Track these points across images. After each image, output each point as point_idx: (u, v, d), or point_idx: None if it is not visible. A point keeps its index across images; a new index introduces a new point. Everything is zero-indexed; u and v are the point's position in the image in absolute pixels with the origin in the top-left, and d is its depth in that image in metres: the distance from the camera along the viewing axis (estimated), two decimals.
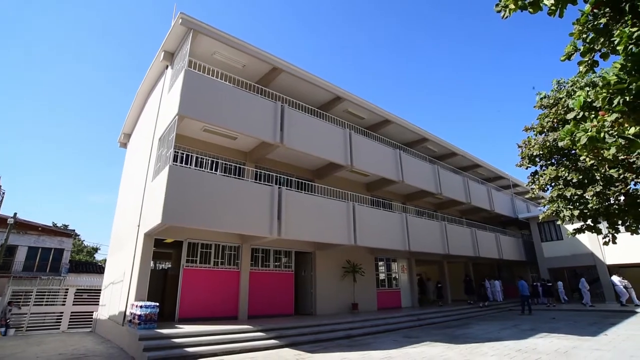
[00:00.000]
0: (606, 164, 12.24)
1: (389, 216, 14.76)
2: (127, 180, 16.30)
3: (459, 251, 18.02)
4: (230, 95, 10.86)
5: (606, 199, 14.14)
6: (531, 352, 7.63)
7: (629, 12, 5.06)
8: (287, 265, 13.61)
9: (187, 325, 9.17)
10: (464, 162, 22.76)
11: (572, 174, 14.84)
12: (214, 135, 11.72)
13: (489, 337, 9.87)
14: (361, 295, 15.17)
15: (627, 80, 4.68)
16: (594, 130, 5.63)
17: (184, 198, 8.93)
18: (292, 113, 12.28)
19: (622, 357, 6.99)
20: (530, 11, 5.33)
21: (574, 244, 22.44)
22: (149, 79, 13.92)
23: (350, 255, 15.17)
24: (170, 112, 10.22)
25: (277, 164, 13.86)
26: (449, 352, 7.87)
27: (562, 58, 6.87)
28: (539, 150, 16.12)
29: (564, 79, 16.22)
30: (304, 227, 11.38)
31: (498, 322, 13.47)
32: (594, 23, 5.94)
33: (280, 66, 12.58)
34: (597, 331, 10.41)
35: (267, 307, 12.40)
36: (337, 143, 13.47)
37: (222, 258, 11.85)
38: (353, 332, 10.75)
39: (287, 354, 8.18)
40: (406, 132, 18.18)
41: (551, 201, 15.98)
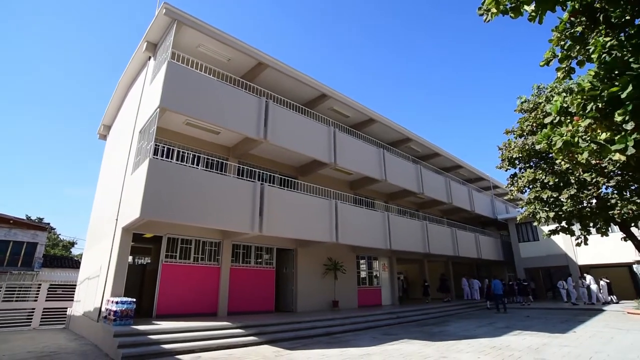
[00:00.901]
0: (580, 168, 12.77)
1: (371, 214, 14.88)
2: (105, 173, 15.87)
3: (439, 250, 18.34)
4: (214, 89, 10.70)
5: (580, 201, 14.68)
6: (505, 349, 7.83)
7: (603, 22, 5.23)
8: (268, 262, 13.55)
9: (164, 322, 9.02)
10: (447, 163, 23.14)
11: (549, 177, 15.32)
12: (196, 130, 11.55)
13: (465, 335, 10.09)
14: (342, 293, 15.26)
15: (599, 88, 4.83)
16: (569, 135, 5.80)
17: (164, 192, 8.76)
18: (276, 109, 12.20)
19: (588, 352, 7.27)
20: (512, 16, 5.43)
21: (549, 245, 23.19)
22: (131, 70, 13.58)
23: (332, 253, 15.23)
24: (151, 104, 10.00)
25: (260, 160, 13.76)
26: (426, 349, 8.00)
27: (542, 63, 7.04)
28: (518, 153, 16.57)
29: (543, 84, 16.68)
30: (285, 224, 11.35)
31: (475, 320, 13.78)
32: (571, 31, 6.10)
33: (266, 61, 12.48)
34: (567, 328, 10.78)
35: (247, 303, 12.33)
36: (321, 140, 13.48)
37: (202, 254, 11.71)
38: (333, 329, 10.80)
39: (266, 350, 8.15)
40: (390, 132, 18.34)
41: (529, 203, 16.48)
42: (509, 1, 5.13)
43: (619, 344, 8.24)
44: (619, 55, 4.77)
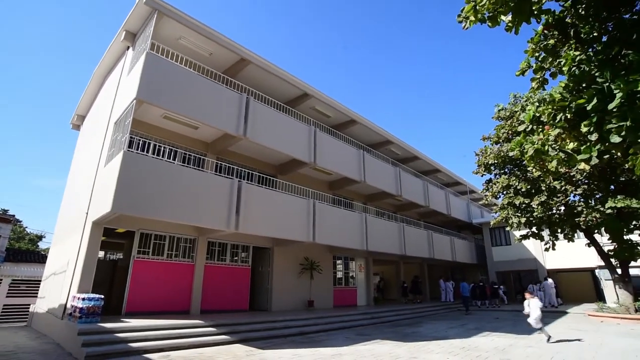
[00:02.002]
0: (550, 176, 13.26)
1: (349, 215, 14.96)
2: (78, 165, 15.31)
3: (415, 252, 18.63)
4: (194, 82, 10.49)
5: (549, 208, 15.25)
6: (473, 350, 8.03)
7: (574, 37, 5.44)
8: (244, 260, 13.41)
9: (134, 320, 8.77)
10: (425, 167, 23.55)
11: (522, 183, 15.85)
12: (174, 124, 11.29)
13: (436, 336, 10.29)
14: (318, 293, 15.27)
15: (569, 99, 5.02)
16: (540, 143, 5.99)
17: (138, 186, 8.52)
18: (257, 106, 12.08)
19: (550, 353, 7.56)
20: (489, 25, 5.57)
21: (520, 249, 23.96)
22: (108, 59, 13.13)
23: (309, 253, 15.23)
24: (128, 95, 9.70)
25: (239, 157, 13.60)
26: (397, 350, 8.10)
27: (517, 73, 7.25)
28: (494, 159, 17.06)
29: (520, 93, 17.24)
30: (263, 222, 11.26)
31: (447, 322, 14.07)
32: (545, 43, 6.31)
33: (249, 57, 12.34)
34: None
35: (221, 302, 12.16)
36: (301, 140, 13.44)
37: (176, 250, 11.47)
38: (307, 328, 10.79)
39: (238, 349, 8.06)
40: (371, 134, 18.50)
41: (502, 208, 16.99)
42: (487, 10, 5.26)
43: (579, 344, 8.60)
44: (587, 70, 4.97)
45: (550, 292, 19.95)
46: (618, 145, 4.38)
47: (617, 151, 4.77)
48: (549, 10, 5.62)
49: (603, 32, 5.22)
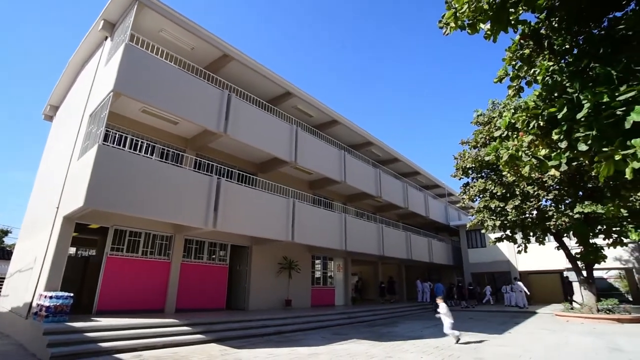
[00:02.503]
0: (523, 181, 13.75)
1: (328, 215, 15.01)
2: (49, 157, 14.72)
3: (393, 253, 18.88)
4: (174, 76, 10.28)
5: (523, 212, 15.78)
6: (446, 349, 8.21)
7: (547, 48, 5.65)
8: (221, 259, 13.24)
9: (105, 319, 8.51)
10: (405, 169, 23.90)
11: (497, 187, 16.32)
12: (153, 118, 11.03)
13: (412, 335, 10.46)
14: (296, 292, 15.25)
15: (541, 107, 5.20)
16: (514, 149, 6.18)
17: (113, 181, 8.29)
18: (239, 103, 11.96)
19: (519, 351, 7.83)
20: (469, 32, 5.70)
21: (494, 252, 24.68)
22: (84, 49, 12.68)
23: (288, 252, 15.19)
24: (105, 87, 9.41)
25: (219, 154, 13.42)
26: (373, 349, 8.19)
27: (495, 80, 7.45)
28: (471, 164, 17.49)
29: (498, 100, 17.74)
30: (241, 221, 11.16)
31: (422, 321, 14.33)
32: (521, 52, 6.52)
33: (231, 54, 12.20)
34: (504, 329, 11.53)
35: (197, 300, 11.97)
36: (283, 138, 13.39)
37: (152, 247, 11.21)
38: (284, 328, 10.76)
39: (213, 349, 7.96)
40: (353, 135, 18.62)
41: (478, 211, 17.46)
42: (467, 18, 5.38)
43: (545, 342, 8.95)
44: (559, 80, 5.17)
45: (519, 293, 20.61)
46: (585, 153, 4.57)
47: (584, 159, 4.97)
48: (526, 20, 5.81)
49: (574, 45, 5.43)
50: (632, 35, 4.56)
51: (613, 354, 7.62)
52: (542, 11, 5.64)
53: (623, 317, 13.60)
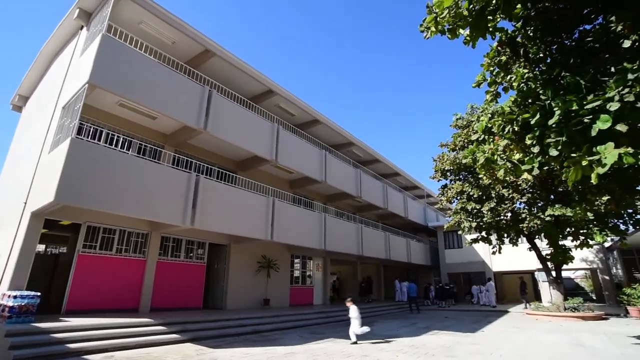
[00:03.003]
0: (498, 184, 14.17)
1: (308, 215, 15.01)
2: (17, 149, 14.07)
3: (372, 253, 19.07)
4: (153, 70, 10.03)
5: (498, 214, 16.25)
6: (421, 348, 8.36)
7: (523, 55, 5.84)
8: (199, 257, 13.03)
9: (75, 319, 8.22)
10: (386, 170, 24.18)
11: (474, 190, 16.74)
12: (131, 112, 10.73)
13: (388, 334, 10.59)
14: (274, 291, 15.19)
15: (516, 113, 5.38)
16: (490, 153, 6.37)
17: (86, 176, 8.01)
18: (220, 100, 11.79)
19: (490, 349, 8.07)
20: (449, 37, 5.83)
21: (470, 253, 25.30)
22: (58, 38, 12.18)
23: (267, 251, 15.10)
24: (79, 78, 9.08)
25: (199, 151, 13.20)
26: (349, 348, 8.25)
27: (473, 85, 7.66)
28: (450, 166, 17.86)
29: (476, 104, 18.18)
30: (220, 219, 11.01)
31: (399, 321, 14.55)
32: (498, 59, 6.72)
33: (213, 49, 12.01)
34: (477, 328, 11.85)
35: (173, 299, 11.73)
36: (264, 136, 13.30)
37: (127, 245, 10.91)
38: (261, 327, 10.70)
39: (188, 349, 7.82)
40: (334, 134, 18.69)
41: (456, 213, 17.85)
42: (448, 23, 5.51)
43: (516, 340, 9.27)
44: (533, 87, 5.37)
45: (491, 293, 21.28)
46: (556, 158, 4.76)
47: (555, 163, 5.18)
48: (503, 28, 6.00)
49: (548, 54, 5.65)
50: (599, 48, 4.79)
51: (576, 350, 7.97)
52: (518, 20, 5.83)
53: (587, 315, 14.27)
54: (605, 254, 21.77)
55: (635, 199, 6.47)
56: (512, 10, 5.43)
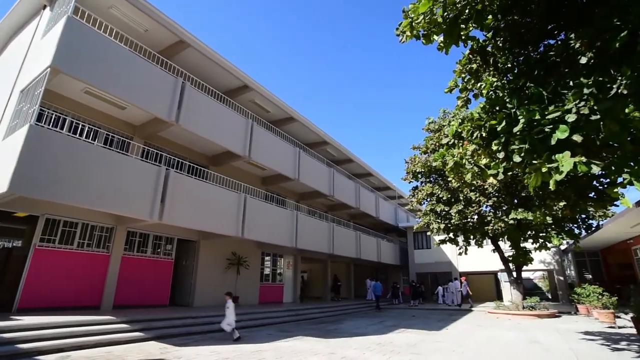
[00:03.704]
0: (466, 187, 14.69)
1: (280, 212, 14.94)
2: None
3: (343, 252, 19.25)
4: (123, 58, 9.63)
5: (465, 216, 16.84)
6: (388, 345, 8.54)
7: (492, 64, 6.08)
8: (167, 253, 12.67)
9: (27, 317, 7.78)
10: (359, 170, 24.46)
11: (444, 192, 17.26)
12: (98, 101, 10.25)
13: (356, 332, 10.73)
14: (243, 289, 15.02)
15: (484, 119, 5.59)
16: (459, 157, 6.58)
17: (46, 165, 7.58)
18: (193, 92, 11.49)
19: (453, 346, 8.37)
20: (424, 42, 5.97)
21: (438, 253, 26.07)
22: (17, 14, 11.33)
23: (237, 248, 14.91)
24: (41, 61, 8.56)
25: (170, 144, 12.82)
26: (318, 346, 8.30)
27: (446, 90, 7.87)
28: (421, 168, 18.32)
29: (449, 109, 18.72)
30: (190, 214, 10.75)
31: (368, 319, 14.78)
32: (470, 66, 6.95)
33: (188, 40, 11.69)
34: (442, 326, 12.24)
35: (138, 296, 11.36)
36: (237, 132, 13.09)
37: (90, 239, 10.45)
38: None
39: (152, 347, 7.60)
40: (309, 133, 18.70)
41: (425, 214, 18.33)
42: (423, 28, 5.64)
43: (478, 338, 9.65)
44: (500, 95, 5.60)
45: (454, 292, 22.09)
46: (519, 165, 4.99)
47: (518, 169, 5.43)
48: (475, 37, 6.21)
49: (515, 65, 5.90)
50: (560, 62, 5.06)
51: (531, 346, 8.42)
52: (489, 30, 6.05)
53: (542, 313, 15.11)
54: (561, 256, 23.11)
55: (588, 205, 6.89)
56: (483, 20, 5.64)
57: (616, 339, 9.28)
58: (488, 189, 15.87)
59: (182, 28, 11.47)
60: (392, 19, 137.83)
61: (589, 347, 8.19)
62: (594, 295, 13.68)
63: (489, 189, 15.87)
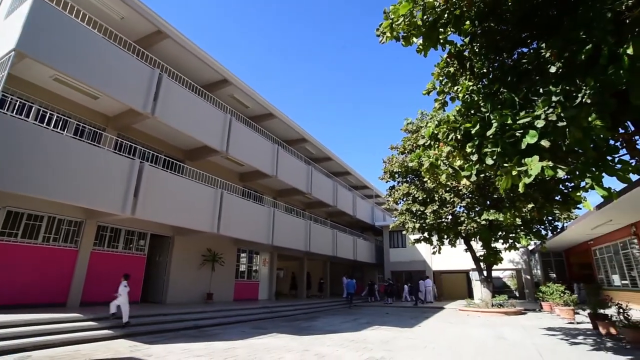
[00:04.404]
0: (441, 188, 15.07)
1: (257, 209, 14.83)
2: None
3: (319, 250, 19.33)
4: (97, 45, 9.27)
5: (439, 216, 17.27)
6: (361, 342, 8.65)
7: (469, 69, 6.25)
8: (139, 248, 12.33)
9: None
10: (337, 168, 24.60)
11: (419, 192, 17.62)
12: (68, 89, 9.81)
13: (330, 329, 10.81)
14: (218, 286, 14.83)
15: (460, 122, 5.74)
16: (434, 158, 6.73)
17: (9, 156, 7.23)
18: (170, 84, 11.22)
19: (425, 342, 8.58)
20: (403, 44, 6.06)
21: (413, 252, 26.60)
22: None
23: (213, 244, 14.70)
24: (4, 44, 8.11)
25: (145, 137, 12.46)
26: (291, 343, 8.31)
27: (424, 92, 8.03)
28: (398, 168, 18.62)
29: (426, 111, 19.09)
30: (164, 209, 10.51)
31: (342, 316, 14.91)
32: (447, 70, 7.12)
33: (166, 30, 11.39)
34: (414, 323, 12.52)
35: (108, 293, 10.86)
36: (215, 126, 12.89)
37: (56, 233, 10.02)
38: (202, 322, 10.40)
39: (121, 345, 7.39)
40: (288, 130, 18.63)
41: (401, 213, 18.66)
42: (402, 30, 5.72)
43: (448, 335, 9.93)
44: (476, 99, 5.77)
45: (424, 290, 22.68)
46: (491, 167, 5.16)
47: (491, 172, 5.62)
48: (453, 41, 6.36)
49: (491, 70, 6.09)
50: (532, 70, 5.27)
51: (498, 341, 8.75)
52: (467, 35, 6.21)
53: (509, 310, 15.73)
54: (528, 256, 24.13)
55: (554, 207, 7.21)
56: (461, 25, 5.78)
57: (574, 334, 9.80)
58: (462, 190, 16.32)
59: (160, 18, 11.16)
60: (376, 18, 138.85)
61: (550, 342, 8.61)
62: (556, 293, 14.36)
63: (463, 190, 16.32)
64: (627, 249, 15.27)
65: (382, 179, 19.65)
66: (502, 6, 5.51)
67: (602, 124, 3.78)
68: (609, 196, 4.25)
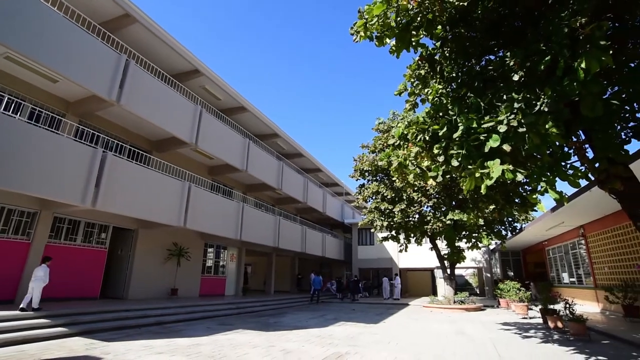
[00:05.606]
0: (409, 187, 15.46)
1: (226, 203, 14.58)
2: None
3: (288, 246, 19.30)
4: (55, 24, 8.69)
5: (407, 215, 17.72)
6: (327, 338, 8.74)
7: (439, 72, 6.44)
8: (100, 242, 11.78)
9: None
10: (308, 164, 24.63)
11: (388, 191, 17.99)
12: (23, 70, 9.16)
13: (297, 325, 10.84)
14: (183, 281, 14.47)
15: (428, 124, 5.91)
16: (403, 158, 6.90)
17: None
18: (138, 72, 10.76)
19: (389, 338, 8.81)
20: (376, 44, 6.14)
21: (380, 250, 27.14)
22: None
23: (179, 238, 14.32)
24: None
25: (109, 125, 11.88)
26: (257, 339, 8.26)
27: (395, 93, 8.19)
28: (368, 167, 18.91)
29: (398, 111, 19.48)
30: (128, 201, 10.10)
31: (309, 312, 14.99)
32: (418, 72, 7.29)
33: (134, 14, 10.90)
34: (380, 319, 12.81)
35: (63, 288, 10.42)
36: (185, 117, 12.51)
37: (5, 225, 9.37)
38: (166, 318, 10.12)
39: (76, 343, 7.04)
40: (260, 124, 18.42)
41: (370, 211, 18.97)
42: (376, 30, 5.80)
43: (412, 330, 10.25)
44: (444, 102, 5.96)
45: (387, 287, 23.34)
46: (456, 168, 5.36)
47: (456, 173, 5.84)
48: (425, 45, 6.53)
49: (460, 75, 6.31)
50: (497, 76, 5.51)
51: (458, 336, 9.15)
52: (438, 40, 6.40)
53: (470, 306, 16.44)
54: (489, 255, 25.30)
55: (513, 209, 7.60)
56: (433, 29, 5.94)
57: (527, 328, 10.43)
58: (429, 190, 16.82)
59: (128, 0, 10.66)
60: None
61: (505, 336, 9.11)
62: (513, 291, 15.17)
63: (430, 190, 16.83)
64: (576, 249, 16.40)
65: (353, 177, 19.89)
66: (472, 13, 5.72)
67: (557, 131, 4.03)
68: (560, 199, 4.54)
